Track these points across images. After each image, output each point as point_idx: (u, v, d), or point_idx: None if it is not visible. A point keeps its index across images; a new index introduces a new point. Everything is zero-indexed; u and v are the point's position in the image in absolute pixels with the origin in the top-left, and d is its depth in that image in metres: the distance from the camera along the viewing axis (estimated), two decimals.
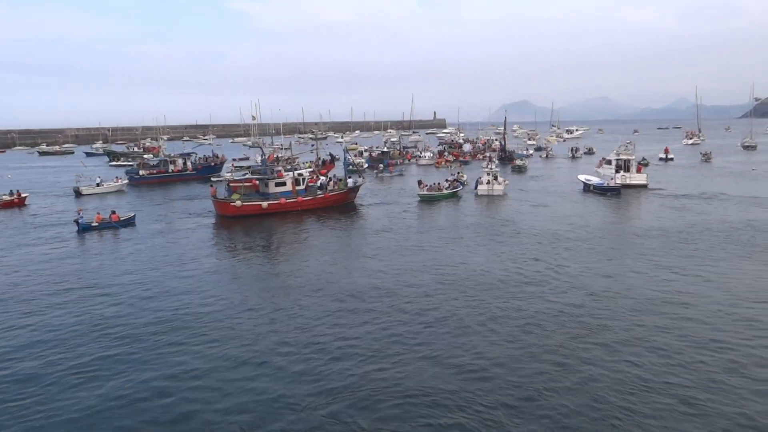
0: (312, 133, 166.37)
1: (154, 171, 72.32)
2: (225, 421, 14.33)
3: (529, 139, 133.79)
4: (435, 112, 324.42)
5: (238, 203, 43.24)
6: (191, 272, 28.36)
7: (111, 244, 36.30)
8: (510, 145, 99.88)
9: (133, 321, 21.52)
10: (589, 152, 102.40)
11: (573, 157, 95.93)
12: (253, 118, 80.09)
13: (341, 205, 47.20)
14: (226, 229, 40.73)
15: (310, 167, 51.35)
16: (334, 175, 55.12)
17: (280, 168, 47.33)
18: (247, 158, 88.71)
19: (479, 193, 51.94)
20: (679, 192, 52.53)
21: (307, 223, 41.41)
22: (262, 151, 51.11)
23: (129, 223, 41.84)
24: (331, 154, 75.90)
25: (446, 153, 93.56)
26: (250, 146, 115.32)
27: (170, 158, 74.70)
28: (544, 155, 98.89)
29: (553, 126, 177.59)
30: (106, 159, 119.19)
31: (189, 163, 75.03)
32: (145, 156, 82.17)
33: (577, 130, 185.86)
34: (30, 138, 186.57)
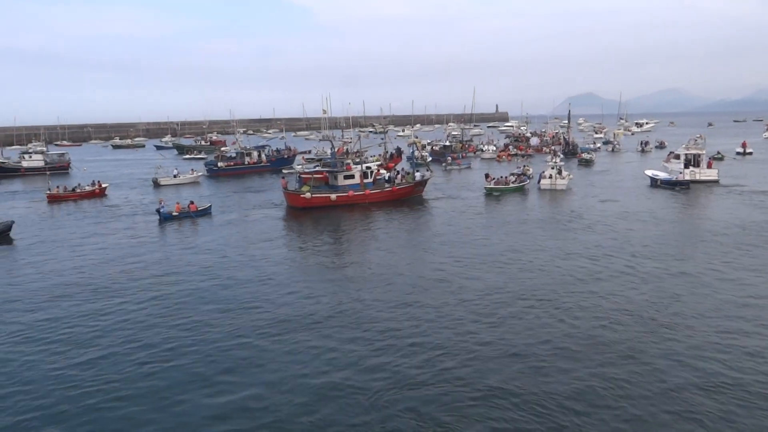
0: (372, 126, 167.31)
1: (232, 163, 75.33)
2: (295, 414, 14.62)
3: (596, 133, 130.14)
4: (497, 105, 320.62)
5: (308, 195, 44.39)
6: (262, 262, 29.44)
7: (189, 233, 38.11)
8: (575, 139, 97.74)
9: (203, 308, 22.55)
10: (660, 146, 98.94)
11: (642, 151, 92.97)
12: (324, 112, 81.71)
13: (409, 199, 47.67)
14: (296, 220, 41.96)
15: (377, 160, 51.93)
16: (402, 169, 55.65)
17: (349, 161, 48.22)
18: (309, 151, 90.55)
19: (542, 187, 51.60)
20: (757, 188, 50.24)
21: (374, 215, 42.10)
22: (332, 144, 52.18)
23: (205, 213, 43.79)
24: (398, 148, 76.66)
25: (512, 147, 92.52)
26: (319, 139, 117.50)
27: (246, 151, 77.93)
28: (611, 149, 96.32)
29: (621, 119, 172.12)
30: (175, 152, 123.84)
31: (263, 156, 77.85)
32: (222, 149, 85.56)
33: (647, 123, 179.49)
34: (104, 132, 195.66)
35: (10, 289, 25.84)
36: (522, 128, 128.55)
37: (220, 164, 74.49)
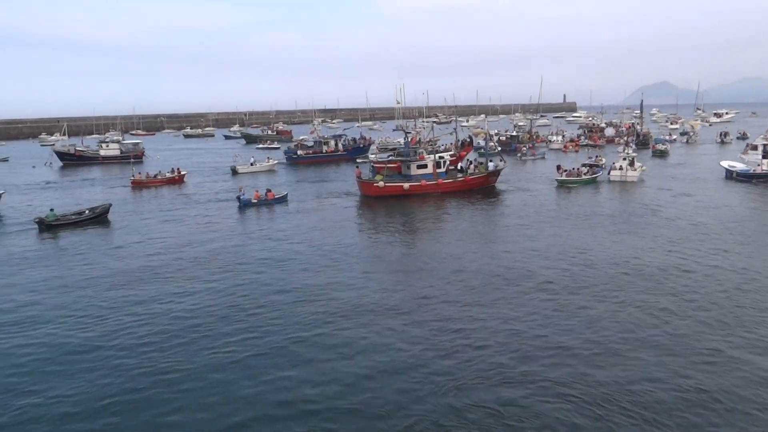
0: (436, 117, 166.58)
1: (310, 151, 77.37)
2: (373, 399, 14.82)
3: (671, 123, 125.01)
4: (565, 95, 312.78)
5: (381, 184, 44.74)
6: (334, 249, 30.01)
7: (267, 219, 39.34)
8: (649, 130, 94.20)
9: (279, 292, 23.28)
10: (742, 137, 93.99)
11: (722, 142, 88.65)
12: (398, 102, 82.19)
13: (481, 189, 47.30)
14: (369, 208, 42.41)
15: (449, 150, 51.72)
16: (475, 159, 55.26)
17: (422, 150, 48.26)
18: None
19: (611, 179, 50.28)
20: None
21: (446, 205, 42.01)
22: (405, 134, 52.30)
23: (282, 200, 44.90)
24: (470, 136, 76.33)
25: (583, 137, 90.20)
26: (393, 129, 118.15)
27: (324, 140, 79.74)
28: (686, 140, 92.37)
29: (697, 109, 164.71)
30: (243, 141, 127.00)
31: (340, 145, 79.33)
32: (302, 137, 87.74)
33: (726, 113, 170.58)
34: (176, 122, 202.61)
35: (110, 265, 27.59)
36: (591, 119, 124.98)
37: (299, 152, 76.76)
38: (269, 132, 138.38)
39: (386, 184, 44.91)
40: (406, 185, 45.27)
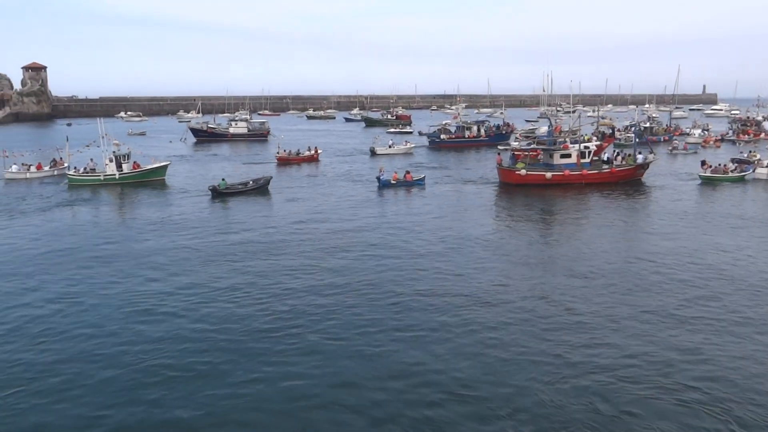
0: (560, 106, 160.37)
1: (453, 136, 77.89)
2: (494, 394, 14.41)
3: None
4: (704, 86, 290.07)
5: (523, 172, 43.68)
6: (471, 235, 29.71)
7: (403, 200, 40.23)
8: None
9: (414, 275, 23.36)
10: None
11: None
12: (543, 90, 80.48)
13: (628, 182, 44.86)
14: (508, 196, 41.57)
15: (589, 140, 49.48)
16: (622, 150, 52.56)
17: (566, 139, 46.54)
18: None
19: (756, 177, 46.04)
20: None
21: (589, 197, 40.25)
22: (550, 122, 50.70)
23: (420, 183, 45.16)
24: (613, 127, 73.00)
25: (730, 132, 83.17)
26: (538, 116, 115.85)
27: (467, 125, 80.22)
28: None
29: None
30: (363, 125, 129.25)
31: (482, 131, 79.25)
32: (444, 122, 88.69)
33: None
34: (300, 103, 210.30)
35: (269, 233, 29.94)
36: (734, 112, 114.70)
37: (442, 136, 77.52)
38: (388, 116, 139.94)
39: (528, 173, 43.76)
40: (548, 174, 43.86)
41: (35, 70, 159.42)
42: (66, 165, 50.32)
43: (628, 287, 21.68)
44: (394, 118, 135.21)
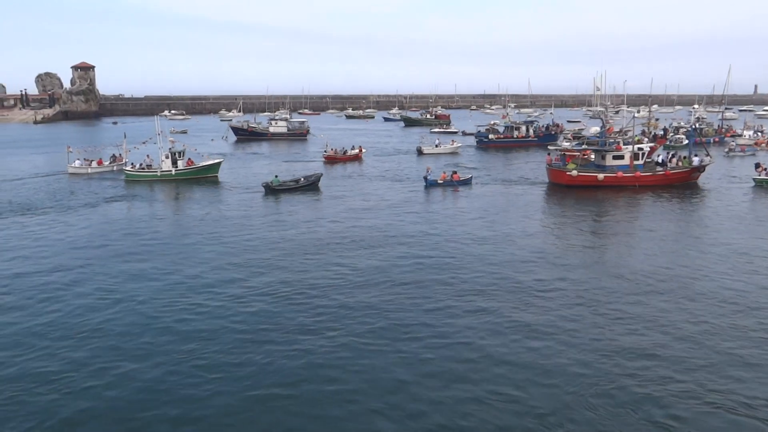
0: (608, 107, 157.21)
1: (501, 136, 77.56)
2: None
3: None
4: (756, 86, 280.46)
5: (574, 173, 43.06)
6: (517, 236, 29.56)
7: (450, 200, 40.13)
8: None
9: (457, 273, 23.37)
10: None
11: None
12: (597, 89, 79.34)
13: (683, 185, 43.79)
14: (558, 197, 41.05)
15: (640, 141, 48.54)
16: (676, 151, 51.37)
17: (619, 140, 45.74)
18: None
19: None
20: None
21: (642, 200, 39.36)
22: (603, 123, 49.94)
23: (467, 183, 45.02)
24: (664, 128, 71.45)
25: None
26: (590, 116, 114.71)
27: (516, 125, 79.84)
28: None
29: None
30: (402, 124, 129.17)
31: (531, 131, 78.70)
32: (492, 122, 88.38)
33: None
34: (340, 102, 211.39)
35: (314, 230, 30.77)
36: None
37: (490, 136, 77.25)
38: (428, 116, 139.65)
39: (579, 174, 43.14)
40: (600, 176, 43.13)
41: (84, 70, 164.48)
42: (125, 161, 52.11)
43: (682, 295, 21.05)
44: (433, 117, 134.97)
